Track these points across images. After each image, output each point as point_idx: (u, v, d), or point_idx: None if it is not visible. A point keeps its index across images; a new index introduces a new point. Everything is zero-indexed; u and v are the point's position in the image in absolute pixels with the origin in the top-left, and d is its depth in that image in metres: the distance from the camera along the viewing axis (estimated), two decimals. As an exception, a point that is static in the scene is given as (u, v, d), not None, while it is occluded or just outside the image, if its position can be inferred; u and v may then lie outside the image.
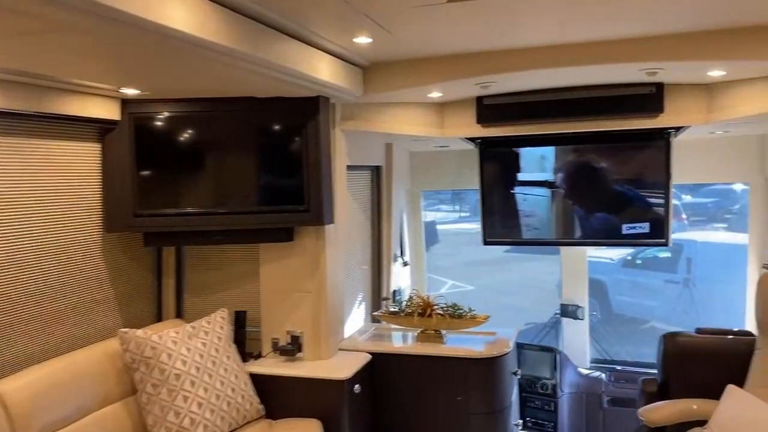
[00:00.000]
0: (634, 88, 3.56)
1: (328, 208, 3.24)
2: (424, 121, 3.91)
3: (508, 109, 3.81)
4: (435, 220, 15.16)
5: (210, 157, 3.20)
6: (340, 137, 3.51)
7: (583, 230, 4.55)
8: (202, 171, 3.20)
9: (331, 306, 3.41)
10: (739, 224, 10.80)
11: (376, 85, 3.33)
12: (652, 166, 4.27)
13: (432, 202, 15.32)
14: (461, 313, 3.62)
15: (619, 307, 9.18)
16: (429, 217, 14.99)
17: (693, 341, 3.29)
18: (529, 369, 4.86)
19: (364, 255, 4.33)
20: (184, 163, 3.19)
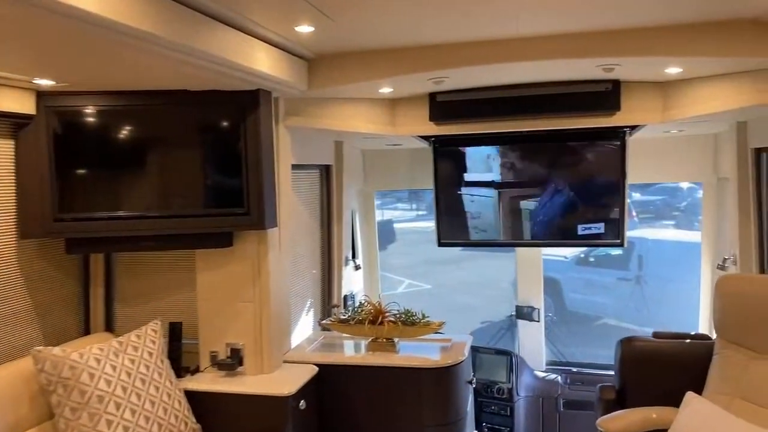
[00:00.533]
0: (591, 86, 3.46)
1: (270, 211, 3.00)
2: (375, 119, 3.72)
3: (462, 107, 3.66)
4: (392, 218, 15.12)
5: (139, 156, 2.92)
6: (284, 134, 3.28)
7: (536, 231, 4.47)
8: (130, 171, 2.92)
9: (274, 316, 3.18)
10: (686, 222, 11.16)
11: (322, 79, 3.12)
12: (607, 165, 4.22)
13: (389, 201, 15.25)
14: (414, 320, 3.44)
15: (573, 305, 9.30)
16: (386, 215, 14.98)
17: (650, 346, 3.20)
18: (485, 373, 4.77)
19: (314, 259, 4.11)
20: (110, 162, 2.90)
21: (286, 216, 3.32)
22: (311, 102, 3.40)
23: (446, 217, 4.58)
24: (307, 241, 3.98)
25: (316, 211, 4.14)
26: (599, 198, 4.29)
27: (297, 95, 3.21)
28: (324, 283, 4.24)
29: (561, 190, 4.36)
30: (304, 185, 3.93)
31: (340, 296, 4.31)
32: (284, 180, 3.29)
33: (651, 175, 4.66)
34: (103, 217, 2.87)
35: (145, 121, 2.90)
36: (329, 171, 4.20)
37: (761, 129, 3.45)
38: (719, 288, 2.94)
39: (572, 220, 4.37)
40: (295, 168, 3.63)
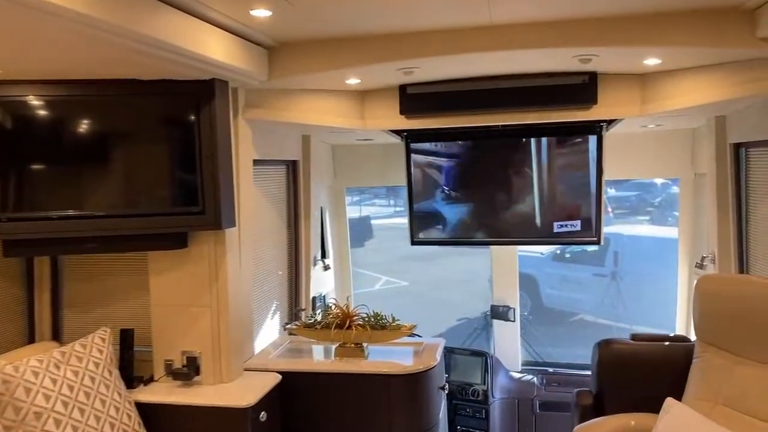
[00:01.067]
0: (567, 78, 3.32)
1: (227, 210, 2.80)
2: (343, 112, 3.54)
3: (434, 100, 3.49)
4: (370, 215, 14.98)
5: (84, 151, 2.69)
6: (244, 128, 3.08)
7: (511, 229, 4.34)
8: (74, 166, 2.69)
9: (233, 321, 2.98)
10: (661, 217, 11.21)
11: (284, 69, 2.92)
12: (583, 161, 4.10)
13: (367, 197, 15.08)
14: (384, 324, 3.27)
15: (549, 301, 9.29)
16: (364, 211, 14.85)
17: (628, 349, 3.07)
18: (460, 374, 4.65)
19: (280, 259, 3.91)
20: (53, 157, 2.67)
21: (247, 214, 3.13)
22: (274, 93, 3.20)
23: (419, 214, 4.45)
24: (273, 240, 3.78)
25: (283, 209, 3.94)
26: (575, 195, 4.18)
27: (257, 86, 3.01)
28: (291, 285, 4.04)
29: (536, 186, 4.24)
30: (269, 182, 3.73)
31: (308, 298, 4.12)
32: (245, 176, 3.09)
33: (628, 171, 4.56)
34: (44, 217, 2.64)
35: (92, 113, 2.67)
36: (296, 167, 4.00)
37: (740, 123, 3.34)
38: (699, 288, 2.81)
39: (548, 218, 4.27)
40: (258, 163, 3.44)
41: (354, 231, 14.48)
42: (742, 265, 3.44)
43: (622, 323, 8.42)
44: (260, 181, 3.57)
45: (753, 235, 3.37)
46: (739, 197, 3.45)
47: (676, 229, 4.70)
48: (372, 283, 11.69)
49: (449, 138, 4.28)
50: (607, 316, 8.65)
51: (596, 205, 4.12)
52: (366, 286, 11.48)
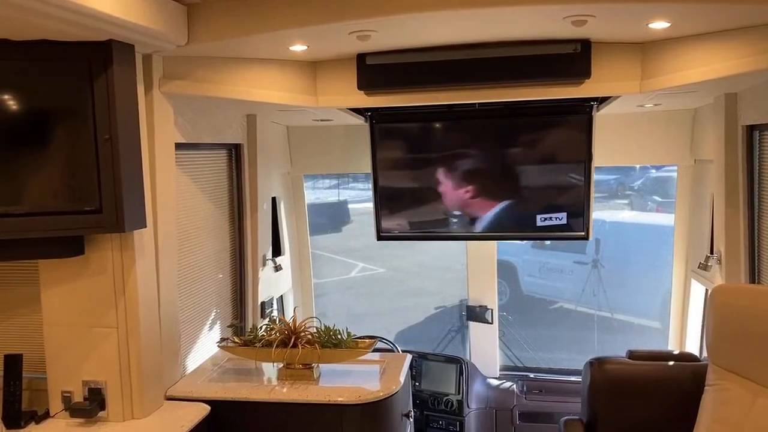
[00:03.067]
0: (556, 46, 2.78)
1: (133, 207, 2.23)
2: (290, 86, 2.97)
3: (398, 72, 2.94)
4: (347, 199, 14.59)
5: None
6: (162, 104, 2.51)
7: (490, 221, 3.85)
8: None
9: (147, 343, 2.42)
10: (640, 202, 10.97)
11: (207, 31, 2.35)
12: (570, 145, 3.65)
13: (345, 180, 14.59)
14: (338, 341, 2.74)
15: (529, 289, 9.12)
16: (343, 196, 14.44)
17: (625, 370, 2.60)
18: (432, 383, 4.21)
19: (220, 260, 3.35)
20: None
21: (167, 210, 2.56)
22: (202, 63, 2.62)
23: (387, 206, 3.94)
24: (210, 238, 3.21)
25: (224, 201, 3.37)
26: (561, 183, 3.71)
27: (177, 52, 2.43)
28: (235, 290, 3.49)
29: (517, 174, 3.75)
30: (205, 169, 3.16)
31: (256, 304, 3.57)
32: (164, 164, 2.52)
33: (619, 157, 4.08)
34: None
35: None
36: (240, 152, 3.42)
37: (755, 102, 2.84)
38: (713, 302, 2.33)
39: (530, 209, 3.78)
40: (187, 148, 2.86)
41: (332, 216, 14.05)
42: (753, 267, 2.97)
43: (603, 311, 8.20)
44: (191, 169, 3.00)
45: (766, 232, 2.89)
46: (752, 188, 2.97)
47: (657, 215, 4.27)
48: (348, 269, 11.35)
49: (420, 119, 3.76)
50: (587, 304, 8.43)
51: (584, 195, 3.64)
52: (342, 273, 11.09)
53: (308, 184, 14.40)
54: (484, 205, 3.86)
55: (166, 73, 2.52)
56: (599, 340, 7.88)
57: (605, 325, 8.21)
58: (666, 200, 9.60)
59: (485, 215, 3.87)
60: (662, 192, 10.46)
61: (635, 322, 8.17)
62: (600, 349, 7.83)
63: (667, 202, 9.55)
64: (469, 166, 3.82)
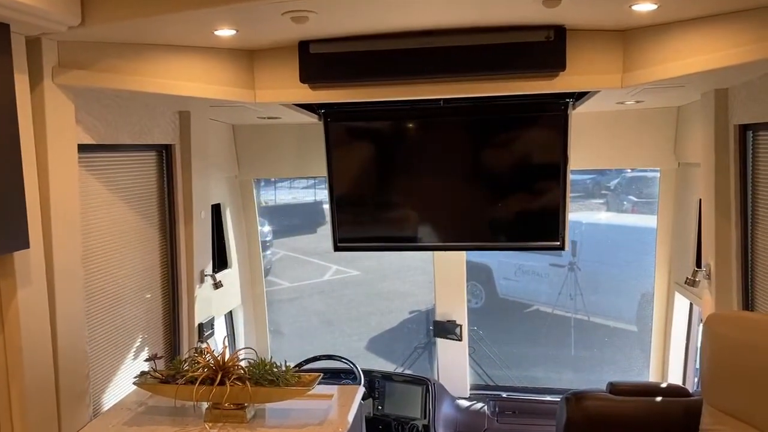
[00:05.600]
0: (526, 33, 2.42)
1: (9, 224, 1.81)
2: (221, 78, 2.56)
3: (347, 62, 2.56)
4: (322, 199, 14.28)
5: None
6: (56, 98, 2.09)
7: (456, 230, 3.53)
8: None
9: (34, 388, 2.00)
10: (616, 202, 10.85)
11: (105, 9, 1.93)
12: (544, 146, 3.34)
13: (322, 180, 14.24)
14: (274, 377, 2.33)
15: (504, 291, 8.94)
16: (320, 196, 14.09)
17: (608, 407, 2.25)
18: (396, 406, 3.87)
19: (149, 278, 2.92)
20: None
21: (65, 226, 2.14)
22: (110, 49, 2.21)
23: (344, 213, 3.57)
24: (134, 254, 2.79)
25: (152, 211, 2.95)
26: (534, 189, 3.39)
27: (70, 35, 2.01)
28: (169, 312, 3.07)
29: (487, 178, 3.41)
30: (125, 175, 2.73)
31: (193, 327, 3.16)
32: (60, 170, 2.11)
33: (596, 159, 3.76)
34: None
35: None
36: (171, 153, 3.00)
37: (748, 99, 2.52)
38: (707, 332, 1.99)
39: (500, 217, 3.45)
40: (96, 150, 2.44)
41: (307, 217, 13.65)
42: (746, 283, 2.65)
43: (579, 315, 8.04)
44: (106, 175, 2.58)
45: (762, 243, 2.57)
46: (745, 195, 2.64)
47: (633, 216, 3.98)
48: (321, 272, 11.06)
49: (380, 117, 3.39)
50: (564, 307, 8.27)
51: (560, 200, 3.31)
52: (315, 276, 10.73)
53: (284, 184, 13.83)
54: (451, 212, 3.51)
55: (61, 61, 2.10)
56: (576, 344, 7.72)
57: (582, 328, 8.03)
58: (641, 200, 9.46)
59: (452, 223, 3.53)
60: (638, 192, 10.31)
61: (612, 326, 8.04)
62: (577, 356, 7.65)
63: (643, 202, 9.40)
64: (435, 170, 3.48)
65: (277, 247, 10.84)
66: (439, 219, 3.55)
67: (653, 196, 3.90)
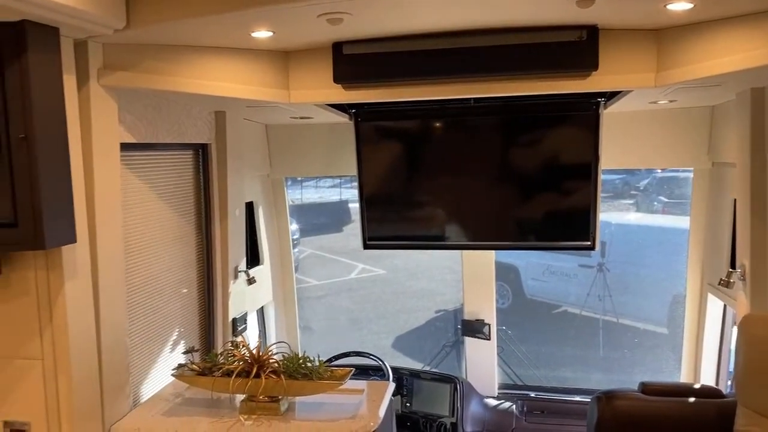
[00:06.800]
0: (559, 33, 2.43)
1: (58, 220, 1.89)
2: (257, 79, 2.62)
3: (380, 63, 2.60)
4: (349, 198, 14.36)
5: None
6: (102, 98, 2.17)
7: (486, 229, 3.52)
8: None
9: (81, 377, 2.09)
10: (646, 203, 10.68)
11: (150, 12, 2.00)
12: (575, 146, 3.31)
13: (347, 179, 14.30)
14: (308, 370, 2.39)
15: (532, 292, 8.86)
16: (345, 195, 14.17)
17: (639, 407, 2.24)
18: (424, 404, 3.89)
19: (185, 273, 3.01)
20: None
21: (108, 222, 2.22)
22: (151, 51, 2.28)
23: (373, 211, 3.60)
24: (172, 250, 2.87)
25: (189, 208, 3.03)
26: (564, 188, 3.38)
27: (115, 38, 2.08)
28: (204, 306, 3.15)
29: (517, 177, 3.41)
30: (164, 173, 2.81)
31: (227, 321, 3.23)
32: (104, 168, 2.19)
33: (628, 159, 3.72)
34: None
35: None
36: (207, 152, 3.08)
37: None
38: (742, 333, 1.98)
39: (530, 217, 3.45)
40: (138, 149, 2.53)
41: (333, 215, 13.72)
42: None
43: (608, 316, 7.95)
44: (146, 173, 2.66)
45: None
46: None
47: (664, 216, 3.93)
48: (348, 271, 11.12)
49: (409, 117, 3.42)
50: (592, 309, 8.19)
51: (591, 200, 3.29)
52: (342, 274, 10.81)
53: (311, 184, 13.89)
54: (480, 211, 3.52)
55: (106, 63, 2.18)
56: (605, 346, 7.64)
57: (611, 329, 7.93)
58: (672, 201, 9.31)
59: (480, 223, 3.54)
60: (669, 192, 10.14)
61: (641, 328, 7.91)
62: (606, 357, 7.57)
63: (674, 203, 9.25)
64: (464, 169, 3.49)
65: (304, 246, 10.96)
66: (468, 218, 3.55)
67: (685, 196, 3.85)
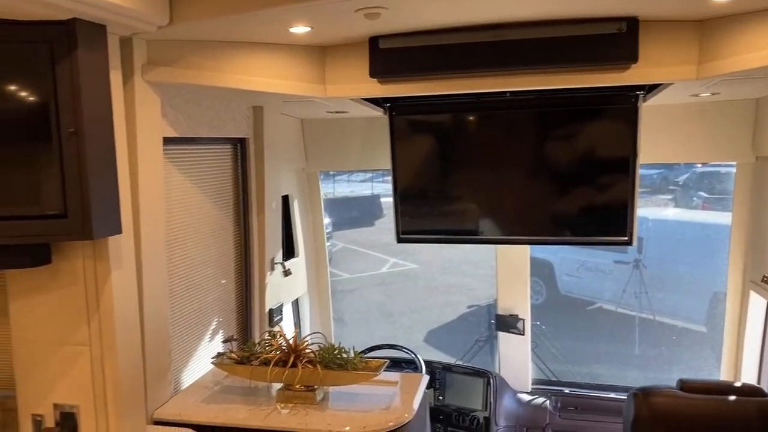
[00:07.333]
0: (597, 26, 2.40)
1: (105, 211, 1.96)
2: (294, 74, 2.66)
3: (416, 57, 2.60)
4: (380, 192, 14.41)
5: None
6: (146, 93, 2.24)
7: (520, 224, 3.51)
8: None
9: (126, 364, 2.16)
10: (685, 198, 10.41)
11: (192, 8, 2.05)
12: (613, 140, 3.26)
13: (379, 174, 14.35)
14: (343, 361, 2.43)
15: (566, 288, 8.82)
16: (377, 189, 14.23)
17: (678, 404, 2.21)
18: (457, 397, 3.89)
19: (224, 265, 3.08)
20: None
21: (152, 214, 2.29)
22: (192, 47, 2.34)
23: (407, 205, 3.61)
24: (211, 242, 2.94)
25: (228, 201, 3.09)
26: (601, 183, 3.33)
27: (161, 35, 2.14)
28: (241, 297, 3.21)
29: (553, 172, 3.37)
30: (204, 166, 2.88)
31: (264, 312, 3.29)
32: (148, 161, 2.25)
33: (668, 153, 3.64)
34: None
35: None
36: (245, 146, 3.14)
37: None
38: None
39: (567, 211, 3.41)
40: (179, 143, 2.59)
41: (364, 210, 13.75)
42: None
43: (645, 314, 7.89)
44: (187, 167, 2.73)
45: None
46: None
47: (704, 212, 3.82)
48: (380, 265, 11.17)
49: (444, 110, 3.41)
50: (628, 306, 8.09)
51: (629, 195, 3.24)
52: (373, 268, 10.87)
53: (343, 178, 13.96)
54: (515, 206, 3.49)
55: (150, 59, 2.24)
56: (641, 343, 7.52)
57: (647, 327, 7.78)
58: (713, 196, 9.08)
59: (515, 217, 3.51)
60: (709, 187, 9.89)
61: (679, 325, 7.75)
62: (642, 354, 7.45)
63: (715, 198, 9.01)
64: (499, 163, 3.46)
65: (336, 239, 11.05)
66: (503, 213, 3.53)
67: (726, 192, 3.75)
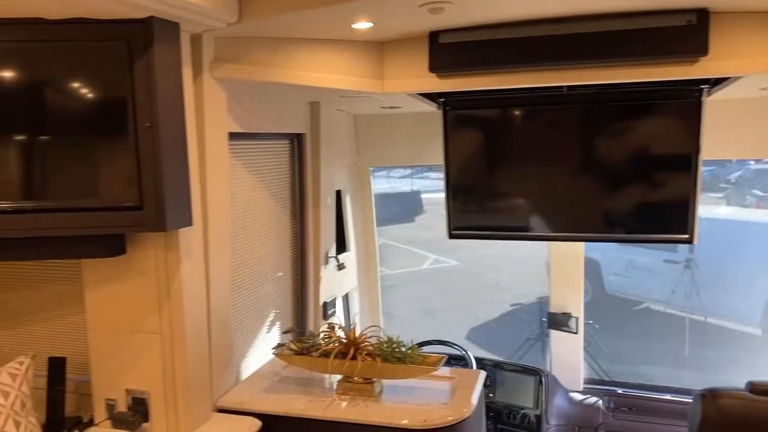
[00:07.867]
0: (665, 18, 2.34)
1: (177, 203, 2.02)
2: (354, 70, 2.68)
3: (475, 51, 2.59)
4: (420, 189, 14.43)
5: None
6: (214, 89, 2.29)
7: (576, 221, 3.46)
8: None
9: (193, 352, 2.22)
10: (737, 196, 10.09)
11: (261, 5, 2.09)
12: (675, 135, 3.17)
13: (419, 170, 14.38)
14: (401, 354, 2.44)
15: (613, 288, 8.67)
16: (416, 185, 14.23)
17: (749, 407, 2.15)
18: (507, 395, 3.87)
19: (280, 258, 3.13)
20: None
21: (218, 207, 2.35)
22: (257, 44, 2.38)
23: (459, 201, 3.60)
24: (269, 236, 3.00)
25: (285, 195, 3.14)
26: (661, 179, 3.25)
27: (228, 32, 2.19)
28: (297, 290, 3.27)
29: (610, 168, 3.31)
30: (264, 161, 2.94)
31: (317, 304, 3.34)
32: (215, 155, 2.31)
33: (731, 149, 3.54)
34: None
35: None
36: (302, 142, 3.18)
37: None
38: None
39: (624, 208, 3.34)
40: (242, 138, 2.64)
41: (405, 206, 13.76)
42: None
43: (695, 315, 7.74)
44: (249, 161, 2.79)
45: None
46: None
47: (758, 211, 3.69)
48: (420, 261, 11.19)
49: (498, 105, 3.39)
50: (678, 306, 7.96)
51: (690, 192, 3.16)
52: (414, 264, 10.89)
53: (382, 174, 13.95)
54: (570, 202, 3.44)
55: (217, 55, 2.29)
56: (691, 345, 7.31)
57: (697, 328, 7.56)
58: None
59: (571, 214, 3.46)
60: (764, 186, 9.57)
61: (732, 328, 7.50)
62: (692, 355, 7.25)
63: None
64: (555, 158, 3.42)
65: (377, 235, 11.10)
66: (558, 209, 3.48)
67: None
